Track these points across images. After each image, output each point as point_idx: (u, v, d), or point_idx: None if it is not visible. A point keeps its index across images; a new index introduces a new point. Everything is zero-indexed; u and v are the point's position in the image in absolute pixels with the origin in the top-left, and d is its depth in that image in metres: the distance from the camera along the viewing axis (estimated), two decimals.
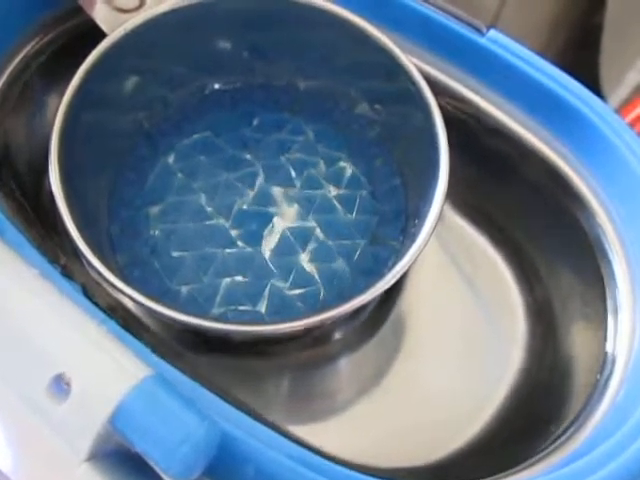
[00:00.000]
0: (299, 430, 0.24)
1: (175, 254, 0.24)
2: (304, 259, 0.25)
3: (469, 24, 0.24)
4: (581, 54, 0.60)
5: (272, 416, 0.23)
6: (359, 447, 0.23)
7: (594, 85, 0.56)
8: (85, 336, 0.15)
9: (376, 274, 0.21)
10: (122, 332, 0.17)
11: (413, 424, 0.24)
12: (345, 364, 0.25)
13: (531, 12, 0.56)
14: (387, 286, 0.20)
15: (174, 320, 0.19)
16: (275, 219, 0.25)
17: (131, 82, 0.25)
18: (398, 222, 0.25)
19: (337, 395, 0.25)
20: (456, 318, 0.26)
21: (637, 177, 0.22)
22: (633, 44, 0.52)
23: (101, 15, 0.24)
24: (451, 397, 0.24)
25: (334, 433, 0.24)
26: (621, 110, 0.45)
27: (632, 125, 0.41)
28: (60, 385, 0.15)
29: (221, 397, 0.17)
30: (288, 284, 0.24)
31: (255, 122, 0.27)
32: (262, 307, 0.24)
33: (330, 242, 0.25)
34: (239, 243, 0.25)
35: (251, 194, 0.26)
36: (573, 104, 0.23)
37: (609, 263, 0.23)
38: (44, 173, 0.22)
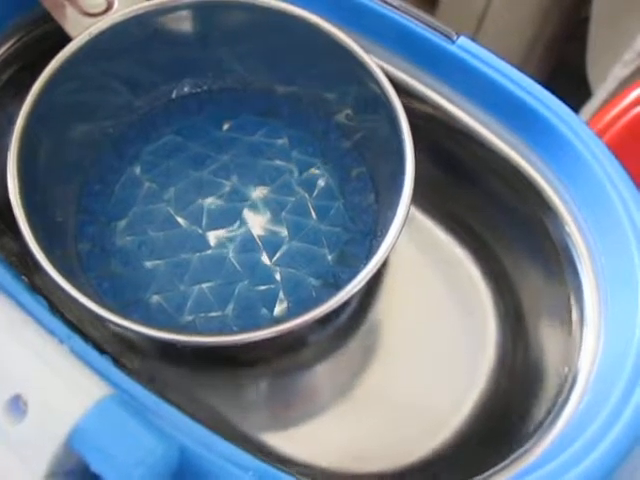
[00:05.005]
0: (272, 437, 0.24)
1: (147, 264, 0.24)
2: (272, 264, 0.24)
3: (440, 31, 0.24)
4: (569, 48, 0.60)
5: (247, 423, 0.24)
6: (333, 452, 0.24)
7: (581, 78, 0.56)
8: (43, 356, 0.15)
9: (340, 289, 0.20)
10: (86, 348, 0.17)
11: (384, 429, 0.24)
12: (320, 370, 0.25)
13: (519, 5, 0.56)
14: (354, 291, 0.20)
15: (130, 330, 0.19)
16: (246, 222, 0.25)
17: (96, 88, 0.25)
18: (367, 242, 0.25)
19: (312, 401, 0.25)
20: (429, 322, 0.26)
21: (604, 189, 0.22)
22: (620, 38, 0.52)
23: (67, 19, 0.23)
24: (423, 402, 0.25)
25: (308, 438, 0.24)
26: (608, 103, 0.45)
27: (618, 117, 0.41)
28: (18, 405, 0.15)
29: (182, 411, 0.17)
30: (254, 289, 0.24)
31: (226, 126, 0.27)
32: (229, 311, 0.23)
33: (298, 250, 0.25)
34: (209, 248, 0.24)
35: (221, 197, 0.25)
36: (539, 111, 0.23)
37: (576, 274, 0.23)
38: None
